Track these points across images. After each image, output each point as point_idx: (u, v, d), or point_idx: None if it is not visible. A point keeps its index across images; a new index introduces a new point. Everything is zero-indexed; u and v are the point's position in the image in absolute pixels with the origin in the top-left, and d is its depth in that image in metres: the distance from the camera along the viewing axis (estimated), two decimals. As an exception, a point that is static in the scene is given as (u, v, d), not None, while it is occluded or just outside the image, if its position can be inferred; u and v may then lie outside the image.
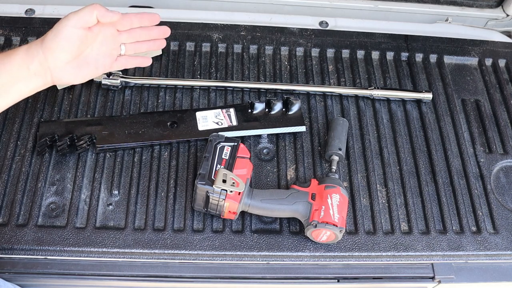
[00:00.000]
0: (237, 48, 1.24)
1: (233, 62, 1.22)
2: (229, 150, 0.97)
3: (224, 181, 0.91)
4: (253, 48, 1.25)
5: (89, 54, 0.89)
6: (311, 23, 1.34)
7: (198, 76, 1.19)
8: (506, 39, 1.39)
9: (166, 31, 0.98)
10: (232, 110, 1.11)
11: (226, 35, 1.26)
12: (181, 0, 1.38)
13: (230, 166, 0.95)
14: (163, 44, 1.00)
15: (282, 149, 1.09)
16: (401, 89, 1.22)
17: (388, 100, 1.20)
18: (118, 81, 1.12)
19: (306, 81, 1.21)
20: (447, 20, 1.41)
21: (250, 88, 1.17)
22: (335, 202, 0.94)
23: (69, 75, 0.88)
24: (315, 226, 0.92)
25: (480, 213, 1.05)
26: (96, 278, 0.94)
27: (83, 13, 0.84)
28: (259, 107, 1.11)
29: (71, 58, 0.86)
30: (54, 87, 1.12)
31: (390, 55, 1.28)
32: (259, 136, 1.11)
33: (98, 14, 0.85)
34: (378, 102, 1.19)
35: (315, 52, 1.26)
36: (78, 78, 0.90)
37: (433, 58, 1.29)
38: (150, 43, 0.98)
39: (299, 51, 1.26)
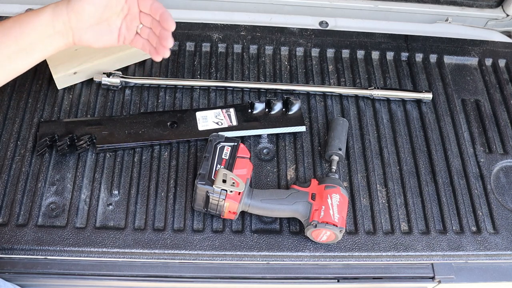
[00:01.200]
0: (237, 48, 1.24)
1: (233, 62, 1.22)
2: (229, 150, 0.97)
3: (224, 181, 0.91)
4: (253, 48, 1.25)
5: (113, 22, 0.89)
6: (311, 23, 1.34)
7: (198, 76, 1.19)
8: (506, 39, 1.39)
9: (170, 41, 0.92)
10: (232, 110, 1.11)
11: (226, 35, 1.26)
12: (181, 0, 1.38)
13: (230, 166, 0.95)
14: (167, 53, 0.93)
15: (282, 149, 1.09)
16: (401, 89, 1.22)
17: (388, 100, 1.20)
18: (118, 81, 1.12)
19: (306, 81, 1.21)
20: (447, 20, 1.41)
21: (250, 88, 1.17)
22: (335, 202, 0.94)
23: (89, 38, 0.88)
24: (315, 226, 0.92)
25: (480, 213, 1.05)
26: (96, 278, 0.94)
27: None
28: (259, 107, 1.11)
29: (94, 22, 0.87)
30: (54, 87, 1.12)
31: (390, 55, 1.28)
32: (259, 136, 1.11)
33: None
34: (378, 102, 1.19)
35: (315, 52, 1.26)
36: (99, 43, 0.90)
37: (433, 58, 1.29)
38: (157, 45, 0.95)
39: (299, 51, 1.26)
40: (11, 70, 0.86)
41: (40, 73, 1.14)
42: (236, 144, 0.98)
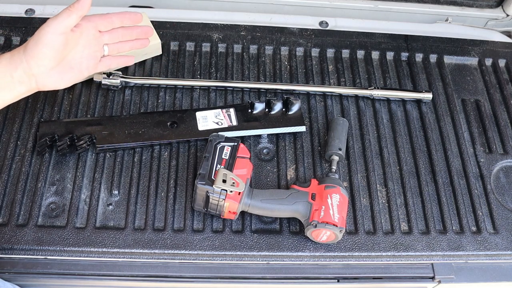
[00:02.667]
0: (237, 48, 1.24)
1: (233, 62, 1.22)
2: (229, 150, 0.97)
3: (224, 181, 0.91)
4: (253, 48, 1.25)
5: (73, 58, 0.89)
6: (311, 23, 1.34)
7: (198, 76, 1.19)
8: (506, 39, 1.39)
9: (149, 31, 0.97)
10: (232, 110, 1.11)
11: (226, 35, 1.26)
12: (181, 0, 1.38)
13: (230, 166, 0.95)
14: (146, 43, 1.00)
15: (282, 149, 1.09)
16: (401, 89, 1.22)
17: (388, 100, 1.20)
18: (118, 81, 1.12)
19: (306, 81, 1.21)
20: (447, 20, 1.41)
21: (250, 88, 1.17)
22: (335, 202, 0.94)
23: (54, 81, 0.88)
24: (315, 226, 0.92)
25: (480, 213, 1.05)
26: (96, 278, 0.94)
27: (62, 17, 0.84)
28: (259, 107, 1.11)
29: (55, 64, 0.86)
30: (54, 87, 1.12)
31: (390, 55, 1.28)
32: (259, 136, 1.11)
33: (77, 13, 0.84)
34: (378, 102, 1.19)
35: (315, 52, 1.26)
36: (63, 82, 0.90)
37: (433, 58, 1.29)
38: (133, 42, 0.97)
39: (299, 51, 1.26)
40: None
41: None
42: (236, 144, 0.98)
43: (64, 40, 0.85)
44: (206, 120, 1.10)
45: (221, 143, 0.98)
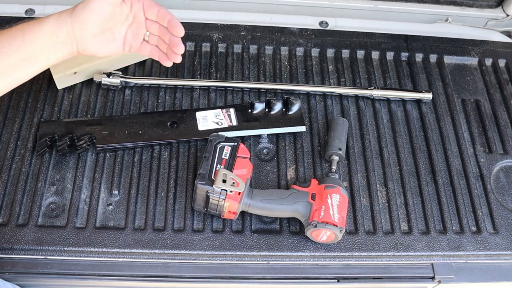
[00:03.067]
0: (237, 48, 1.24)
1: (233, 62, 1.22)
2: (229, 150, 0.97)
3: (224, 181, 0.91)
4: (253, 48, 1.25)
5: (118, 31, 0.88)
6: (311, 23, 1.34)
7: (198, 76, 1.19)
8: (506, 39, 1.39)
9: (181, 47, 0.92)
10: (232, 110, 1.11)
11: (226, 35, 1.26)
12: (181, 0, 1.38)
13: (230, 166, 0.95)
14: (176, 59, 0.94)
15: (282, 149, 1.09)
16: (401, 89, 1.22)
17: (388, 100, 1.20)
18: (118, 81, 1.12)
19: (306, 81, 1.21)
20: (447, 20, 1.41)
21: (250, 88, 1.17)
22: (335, 202, 0.94)
23: (94, 47, 0.88)
24: (315, 226, 0.92)
25: (480, 213, 1.05)
26: (96, 278, 0.94)
27: None
28: (259, 107, 1.11)
29: (99, 32, 0.86)
30: (54, 87, 1.12)
31: (390, 55, 1.28)
32: (259, 136, 1.11)
33: None
34: (378, 102, 1.19)
35: (315, 52, 1.26)
36: (103, 51, 0.89)
37: (433, 58, 1.29)
38: (167, 48, 0.93)
39: (299, 51, 1.26)
40: (14, 80, 0.85)
41: (40, 73, 1.13)
42: (236, 144, 0.98)
43: (112, 10, 0.85)
44: (206, 120, 1.10)
45: (221, 143, 0.98)
